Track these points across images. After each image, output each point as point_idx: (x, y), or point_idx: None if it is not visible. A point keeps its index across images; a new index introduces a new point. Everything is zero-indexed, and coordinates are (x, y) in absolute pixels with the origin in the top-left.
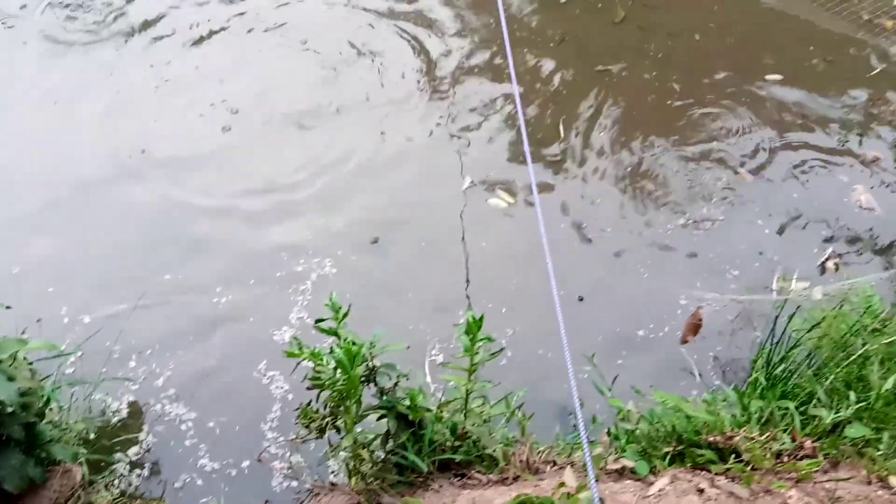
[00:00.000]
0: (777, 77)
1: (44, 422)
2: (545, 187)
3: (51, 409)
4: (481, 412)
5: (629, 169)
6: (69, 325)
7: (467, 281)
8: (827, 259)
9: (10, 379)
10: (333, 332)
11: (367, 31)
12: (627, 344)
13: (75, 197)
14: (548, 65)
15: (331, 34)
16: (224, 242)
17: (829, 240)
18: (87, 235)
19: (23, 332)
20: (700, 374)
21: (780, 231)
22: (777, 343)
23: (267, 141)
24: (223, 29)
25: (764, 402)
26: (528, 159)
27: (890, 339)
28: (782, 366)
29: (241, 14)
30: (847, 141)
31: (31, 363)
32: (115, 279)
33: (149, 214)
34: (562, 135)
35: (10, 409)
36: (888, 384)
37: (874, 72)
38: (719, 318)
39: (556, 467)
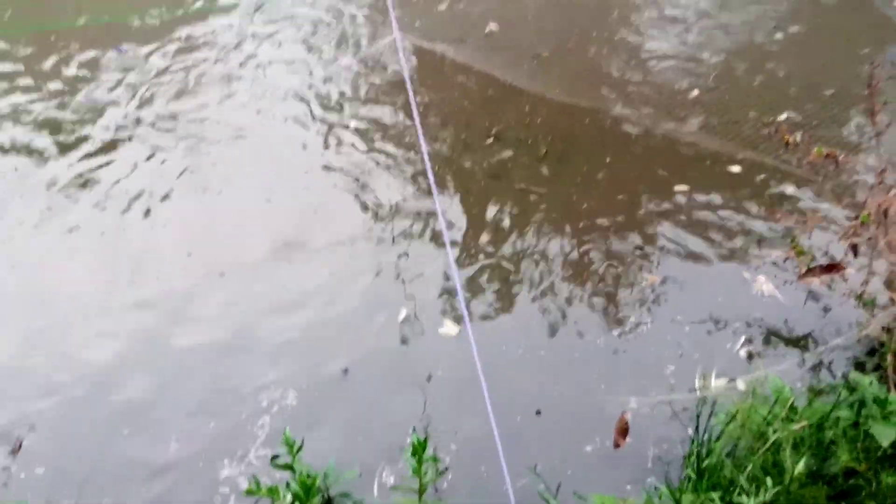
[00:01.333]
0: (684, 188)
1: None
2: (488, 309)
3: None
4: None
5: (565, 284)
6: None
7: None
8: (741, 350)
9: None
10: (289, 467)
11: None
12: (578, 452)
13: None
14: (479, 197)
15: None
16: (180, 388)
17: (743, 333)
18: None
19: None
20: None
21: (697, 329)
22: (704, 438)
23: (221, 289)
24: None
25: (695, 496)
26: (459, 287)
27: (800, 426)
28: (709, 459)
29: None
30: (748, 247)
31: None
32: (65, 434)
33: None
34: (497, 258)
35: None
36: (799, 467)
37: (761, 177)
38: (657, 418)
39: None
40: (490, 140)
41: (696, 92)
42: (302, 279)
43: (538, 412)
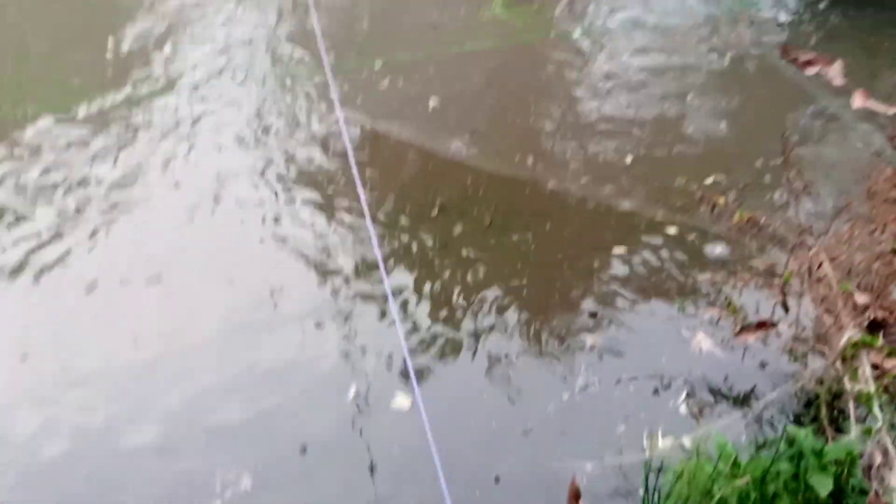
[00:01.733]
0: (621, 250)
1: None
2: (439, 381)
3: None
4: None
5: (513, 351)
6: None
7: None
8: (683, 407)
9: None
10: None
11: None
12: None
13: None
14: (427, 268)
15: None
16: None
17: (685, 391)
18: None
19: None
20: None
21: (642, 389)
22: (654, 499)
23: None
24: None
25: None
26: (408, 360)
27: (743, 481)
28: None
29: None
30: (686, 306)
31: None
32: None
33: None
34: (447, 329)
35: None
36: None
37: (693, 238)
38: (609, 480)
39: None
40: (435, 212)
41: (629, 159)
42: (249, 360)
43: (497, 479)
